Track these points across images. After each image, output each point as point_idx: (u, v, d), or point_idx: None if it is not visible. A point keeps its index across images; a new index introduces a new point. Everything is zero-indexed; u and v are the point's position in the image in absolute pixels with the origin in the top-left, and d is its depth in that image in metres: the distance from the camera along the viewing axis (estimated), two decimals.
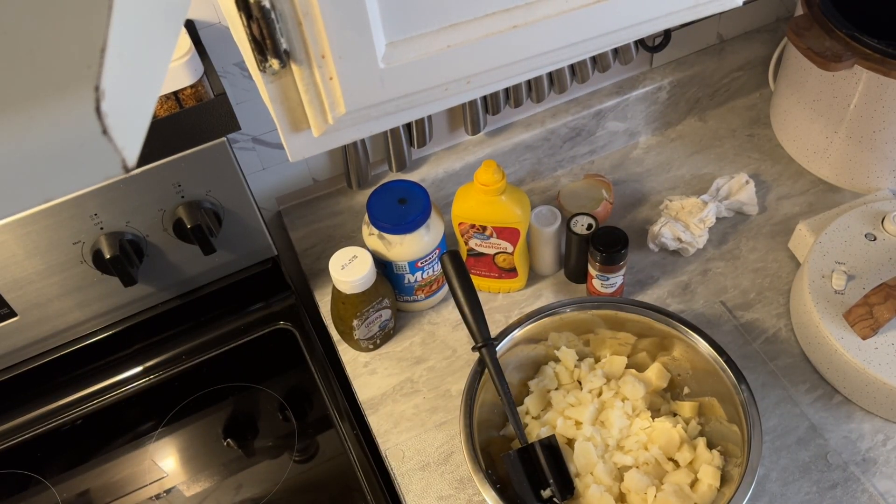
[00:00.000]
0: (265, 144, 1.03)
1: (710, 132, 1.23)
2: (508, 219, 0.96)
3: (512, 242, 0.98)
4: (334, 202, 1.13)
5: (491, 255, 1.01)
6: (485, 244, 0.99)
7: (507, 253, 1.00)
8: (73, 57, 0.32)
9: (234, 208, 0.96)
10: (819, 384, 0.94)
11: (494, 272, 1.03)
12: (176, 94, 0.80)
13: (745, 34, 1.24)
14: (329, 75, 0.52)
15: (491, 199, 0.94)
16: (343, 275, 0.90)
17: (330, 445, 0.96)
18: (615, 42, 0.63)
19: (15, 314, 0.93)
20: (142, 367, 1.05)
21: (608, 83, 1.18)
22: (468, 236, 0.99)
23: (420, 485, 0.90)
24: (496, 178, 0.92)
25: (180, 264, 0.98)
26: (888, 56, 0.95)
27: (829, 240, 0.98)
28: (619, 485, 0.83)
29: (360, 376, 1.00)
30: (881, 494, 0.85)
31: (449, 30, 0.55)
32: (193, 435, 0.99)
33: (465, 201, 0.97)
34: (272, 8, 0.48)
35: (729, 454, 0.83)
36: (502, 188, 0.93)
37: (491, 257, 1.01)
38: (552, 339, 0.92)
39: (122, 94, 0.34)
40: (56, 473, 0.97)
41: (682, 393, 0.90)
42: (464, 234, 1.00)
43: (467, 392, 0.83)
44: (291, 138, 0.58)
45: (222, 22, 0.87)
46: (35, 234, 0.86)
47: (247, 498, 0.92)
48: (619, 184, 1.17)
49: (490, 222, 0.97)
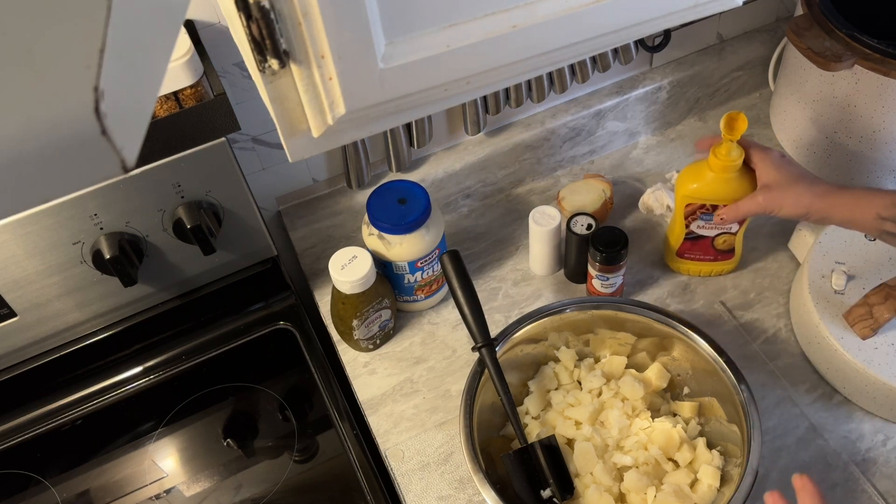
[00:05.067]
0: (265, 144, 1.03)
1: (710, 132, 1.23)
2: (743, 195, 0.92)
3: (740, 221, 0.97)
4: (334, 202, 1.13)
5: (711, 238, 0.99)
6: (708, 226, 0.97)
7: (731, 234, 0.98)
8: (72, 57, 0.32)
9: (234, 208, 0.96)
10: (819, 384, 0.94)
11: (710, 255, 1.01)
12: (176, 94, 0.80)
13: (745, 34, 1.24)
14: (328, 75, 0.52)
15: (727, 176, 0.91)
16: (343, 275, 0.90)
17: (330, 445, 0.96)
18: (615, 42, 0.63)
19: (15, 314, 0.93)
20: (142, 367, 1.05)
21: (608, 83, 1.18)
22: (693, 218, 0.97)
23: (420, 485, 0.90)
24: (735, 157, 0.89)
25: (180, 264, 0.98)
26: (888, 56, 0.94)
27: (829, 240, 0.98)
28: (618, 485, 0.83)
29: (359, 376, 1.00)
30: (881, 494, 0.85)
31: (449, 30, 0.55)
32: (193, 435, 0.99)
33: (696, 180, 0.93)
34: (272, 8, 0.48)
35: (729, 454, 0.83)
36: (739, 165, 0.90)
37: (710, 240, 0.99)
38: (552, 339, 0.92)
39: (121, 94, 0.34)
40: (56, 473, 0.97)
41: (682, 393, 0.90)
42: (688, 216, 0.97)
43: (467, 392, 0.83)
44: (291, 138, 0.58)
45: (222, 22, 0.87)
46: (35, 234, 0.86)
47: (247, 498, 0.92)
48: (619, 184, 1.17)
49: (723, 200, 0.93)
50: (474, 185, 1.15)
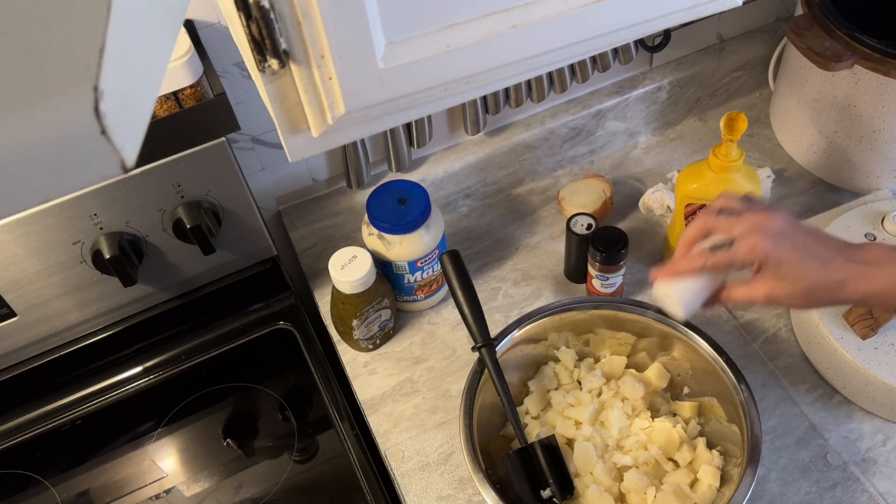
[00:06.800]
0: (265, 144, 1.03)
1: (710, 132, 1.23)
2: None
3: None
4: (334, 202, 1.13)
5: None
6: None
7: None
8: (72, 57, 0.32)
9: (234, 208, 0.96)
10: (819, 384, 0.94)
11: None
12: (175, 94, 0.80)
13: (745, 34, 1.24)
14: (328, 75, 0.52)
15: (727, 176, 0.91)
16: (343, 275, 0.90)
17: (330, 445, 0.96)
18: (615, 42, 0.63)
19: (15, 314, 0.92)
20: (142, 367, 1.05)
21: (608, 83, 1.18)
22: (693, 218, 0.96)
23: (420, 485, 0.90)
24: (735, 157, 0.89)
25: (180, 264, 0.98)
26: (888, 56, 0.94)
27: None
28: (618, 485, 0.83)
29: (359, 376, 1.00)
30: (881, 494, 0.85)
31: (449, 30, 0.55)
32: (193, 435, 0.99)
33: (696, 180, 0.93)
34: (271, 8, 0.48)
35: (729, 454, 0.83)
36: (740, 165, 0.90)
37: None
38: (552, 339, 0.92)
39: (120, 94, 0.34)
40: (56, 473, 0.97)
41: (682, 393, 0.90)
42: (688, 216, 0.97)
43: (467, 392, 0.83)
44: (291, 138, 0.58)
45: (222, 22, 0.87)
46: (35, 234, 0.86)
47: (247, 498, 0.92)
48: (619, 184, 1.17)
49: None
50: (474, 185, 1.15)
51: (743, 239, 0.66)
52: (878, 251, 0.65)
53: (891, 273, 0.64)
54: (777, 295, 0.66)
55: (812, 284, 0.65)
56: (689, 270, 0.69)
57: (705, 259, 0.68)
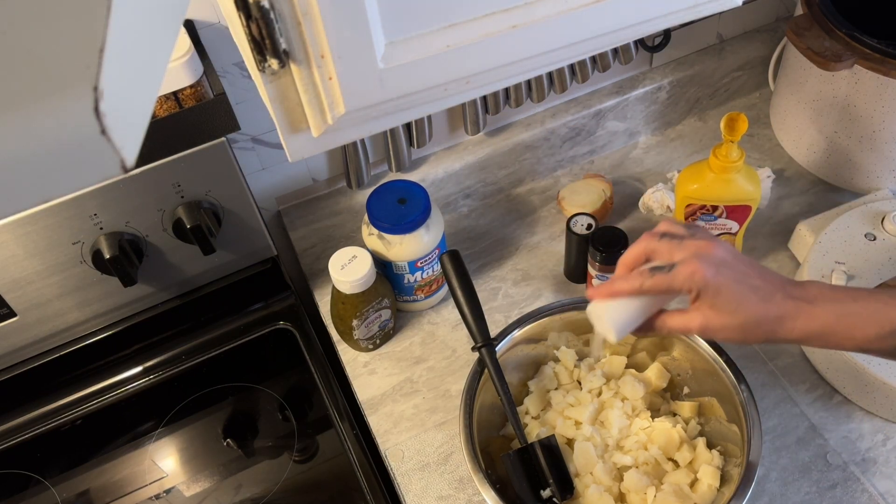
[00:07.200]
0: (265, 144, 1.03)
1: (710, 132, 1.23)
2: (743, 196, 0.92)
3: (739, 221, 0.96)
4: (334, 202, 1.13)
5: None
6: (710, 225, 0.97)
7: (731, 234, 0.98)
8: (72, 57, 0.32)
9: (234, 208, 0.96)
10: (819, 384, 0.94)
11: None
12: (175, 94, 0.80)
13: (745, 34, 1.24)
14: (328, 75, 0.52)
15: (728, 176, 0.91)
16: (343, 275, 0.90)
17: (330, 445, 0.96)
18: (615, 42, 0.63)
19: (15, 314, 0.93)
20: (141, 367, 1.05)
21: (608, 83, 1.18)
22: (693, 219, 0.97)
23: (420, 485, 0.90)
24: (735, 158, 0.89)
25: (180, 264, 0.98)
26: (888, 56, 0.94)
27: (829, 240, 0.98)
28: (618, 485, 0.83)
29: (359, 376, 1.00)
30: (881, 494, 0.85)
31: (448, 30, 0.55)
32: (193, 435, 0.99)
33: (696, 181, 0.93)
34: (271, 8, 0.48)
35: (729, 454, 0.83)
36: (741, 166, 0.90)
37: None
38: (552, 339, 0.92)
39: (120, 94, 0.34)
40: (56, 473, 0.97)
41: (682, 393, 0.90)
42: (688, 216, 0.97)
43: (467, 392, 0.83)
44: (291, 138, 0.58)
45: (222, 22, 0.87)
46: (35, 234, 0.86)
47: (247, 498, 0.92)
48: (618, 184, 1.17)
49: (724, 201, 0.93)
50: (474, 185, 1.15)
51: (683, 264, 0.64)
52: (819, 289, 0.64)
53: (831, 311, 0.62)
54: (712, 326, 0.64)
55: (749, 318, 0.63)
56: (625, 292, 0.67)
57: (643, 281, 0.66)
